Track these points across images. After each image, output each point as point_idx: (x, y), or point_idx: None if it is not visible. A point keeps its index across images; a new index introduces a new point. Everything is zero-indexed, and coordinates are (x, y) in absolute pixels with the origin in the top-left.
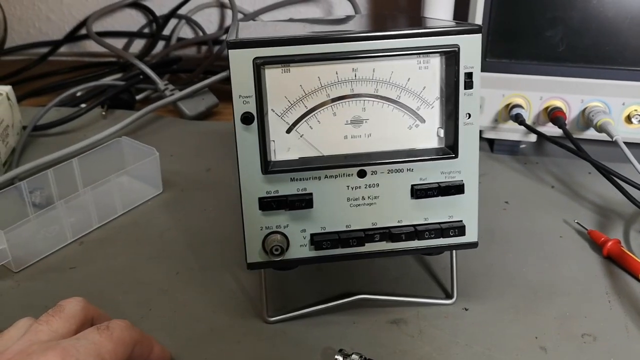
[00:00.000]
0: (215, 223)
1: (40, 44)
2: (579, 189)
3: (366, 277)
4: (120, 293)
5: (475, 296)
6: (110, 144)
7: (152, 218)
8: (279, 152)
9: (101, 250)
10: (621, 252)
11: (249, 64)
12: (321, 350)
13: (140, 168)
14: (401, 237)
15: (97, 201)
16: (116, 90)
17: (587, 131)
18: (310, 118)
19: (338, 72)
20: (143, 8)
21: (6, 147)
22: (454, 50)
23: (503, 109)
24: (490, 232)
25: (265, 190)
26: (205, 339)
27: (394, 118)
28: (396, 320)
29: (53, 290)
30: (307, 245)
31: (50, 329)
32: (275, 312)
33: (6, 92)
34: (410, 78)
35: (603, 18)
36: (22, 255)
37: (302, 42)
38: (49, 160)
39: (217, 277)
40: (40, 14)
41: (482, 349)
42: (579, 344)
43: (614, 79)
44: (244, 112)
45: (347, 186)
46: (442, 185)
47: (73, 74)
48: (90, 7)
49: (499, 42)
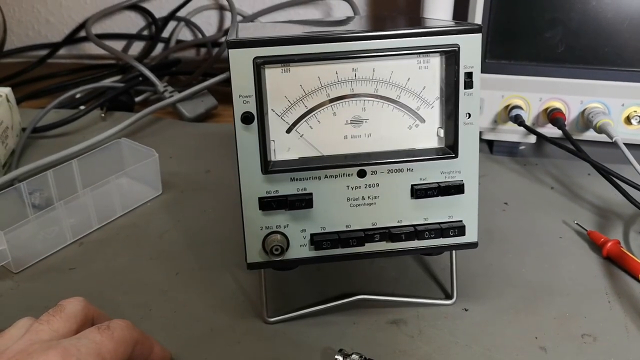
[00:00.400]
0: (214, 224)
1: (39, 47)
2: (578, 190)
3: (366, 277)
4: (120, 293)
5: (475, 297)
6: (109, 146)
7: (152, 219)
8: (279, 152)
9: (101, 251)
10: (621, 253)
11: (249, 64)
12: (321, 350)
13: (140, 169)
14: (401, 237)
15: (96, 202)
16: (115, 92)
17: (587, 132)
18: (310, 118)
19: (338, 72)
20: (142, 10)
21: (6, 149)
22: (453, 49)
23: (502, 110)
24: (489, 232)
25: (265, 190)
26: (205, 339)
27: (394, 118)
28: (396, 320)
29: (53, 291)
30: (307, 245)
31: (51, 328)
32: (275, 312)
33: (5, 93)
34: (410, 78)
35: (602, 19)
36: (22, 256)
37: (301, 41)
38: (49, 162)
39: (217, 278)
40: (40, 16)
41: (482, 349)
42: (579, 344)
43: (613, 80)
44: (244, 112)
45: (347, 186)
46: (442, 185)
47: (72, 76)
48: (89, 10)
49: (498, 43)
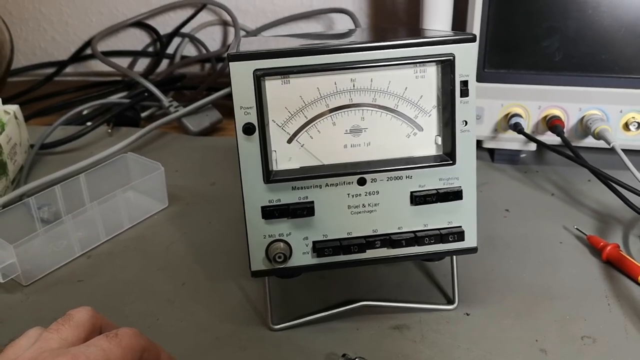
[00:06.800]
0: (220, 235)
1: (46, 65)
2: (578, 196)
3: (368, 284)
4: (128, 304)
5: (476, 301)
6: (116, 160)
7: (158, 231)
8: (281, 162)
9: (109, 263)
10: (620, 256)
11: (250, 76)
12: (325, 355)
13: (146, 183)
14: (401, 243)
15: (104, 216)
16: (121, 108)
17: (586, 139)
18: (311, 128)
19: (337, 83)
20: (147, 27)
21: (14, 165)
22: (449, 59)
23: (502, 118)
24: (491, 239)
25: (268, 199)
26: (211, 347)
27: (393, 127)
28: (398, 325)
29: (62, 303)
30: (310, 253)
31: (60, 337)
32: (279, 320)
33: (13, 111)
34: (407, 87)
35: (599, 27)
36: (31, 269)
37: (300, 53)
38: (57, 177)
39: (222, 287)
40: (46, 35)
41: (484, 352)
42: (579, 347)
43: (610, 87)
44: (246, 123)
45: (348, 194)
46: (441, 191)
47: (79, 93)
48: (95, 28)
49: (496, 52)
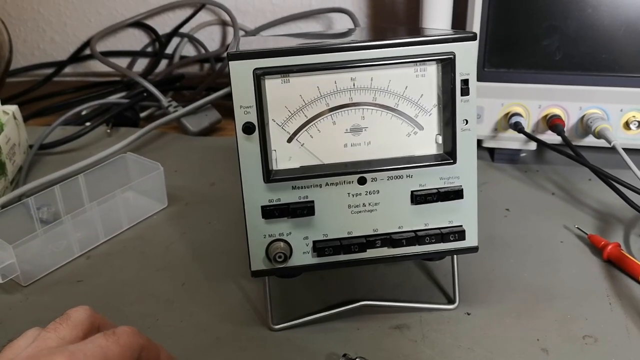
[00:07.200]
0: (220, 235)
1: (45, 65)
2: (579, 195)
3: (369, 284)
4: (127, 304)
5: (477, 301)
6: (115, 160)
7: (158, 232)
8: (281, 161)
9: (108, 263)
10: (621, 255)
11: (249, 75)
12: (325, 355)
13: (145, 183)
14: (402, 242)
15: (103, 216)
16: (120, 108)
17: (586, 138)
18: (311, 127)
19: (337, 82)
20: (146, 27)
21: (13, 166)
22: (449, 57)
23: (502, 118)
24: (491, 238)
25: (268, 198)
26: (211, 347)
27: (393, 126)
28: (399, 325)
29: (61, 304)
30: (310, 252)
31: (57, 336)
32: (279, 320)
33: (12, 111)
34: (407, 86)
35: (599, 26)
36: (30, 269)
37: (300, 52)
38: (56, 178)
39: (222, 288)
40: (45, 35)
41: (485, 352)
42: (581, 346)
43: (611, 85)
44: (245, 122)
45: (348, 193)
46: (442, 190)
47: (78, 93)
48: (93, 28)
49: (496, 52)
